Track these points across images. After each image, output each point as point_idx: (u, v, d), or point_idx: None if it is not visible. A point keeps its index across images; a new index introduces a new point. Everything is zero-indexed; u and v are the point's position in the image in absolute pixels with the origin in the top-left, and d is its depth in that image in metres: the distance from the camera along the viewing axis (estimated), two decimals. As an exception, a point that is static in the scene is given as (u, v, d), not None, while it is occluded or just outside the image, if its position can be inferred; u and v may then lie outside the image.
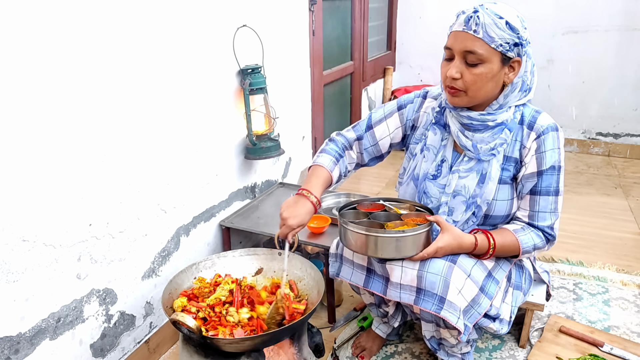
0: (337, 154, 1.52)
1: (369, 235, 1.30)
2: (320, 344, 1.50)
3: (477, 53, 1.24)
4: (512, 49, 1.25)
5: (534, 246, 1.38)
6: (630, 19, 3.46)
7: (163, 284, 1.68)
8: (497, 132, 1.35)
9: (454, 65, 1.28)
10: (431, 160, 1.46)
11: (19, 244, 1.19)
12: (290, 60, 2.40)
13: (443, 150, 1.44)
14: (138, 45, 1.46)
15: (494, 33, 1.22)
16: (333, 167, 1.50)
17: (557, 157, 1.34)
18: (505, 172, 1.38)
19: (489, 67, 1.26)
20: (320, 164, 1.49)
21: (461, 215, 1.41)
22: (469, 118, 1.35)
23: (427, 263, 1.32)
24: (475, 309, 1.33)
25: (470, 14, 1.24)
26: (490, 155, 1.36)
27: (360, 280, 1.47)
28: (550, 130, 1.34)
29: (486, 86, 1.29)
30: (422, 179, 1.47)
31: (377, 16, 3.80)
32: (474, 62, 1.26)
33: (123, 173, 1.48)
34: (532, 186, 1.36)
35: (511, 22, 1.23)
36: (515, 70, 1.29)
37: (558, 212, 1.39)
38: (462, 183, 1.40)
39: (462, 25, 1.26)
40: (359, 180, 3.43)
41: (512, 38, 1.24)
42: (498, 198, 1.39)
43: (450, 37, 1.30)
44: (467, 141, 1.37)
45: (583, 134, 3.85)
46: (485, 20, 1.22)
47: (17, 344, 1.23)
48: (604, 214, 2.78)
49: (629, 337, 1.78)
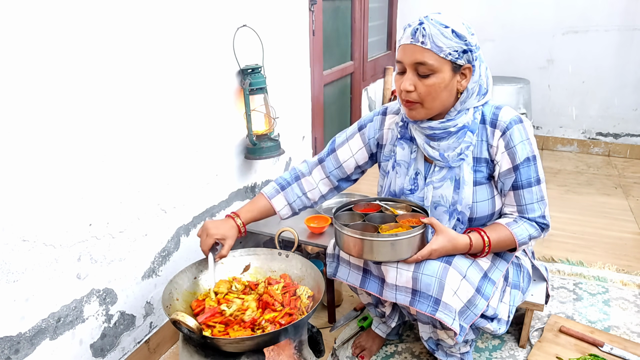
0: (284, 182, 1.57)
1: (364, 239, 1.30)
2: (320, 344, 1.50)
3: (428, 64, 1.25)
4: (461, 57, 1.26)
5: (529, 236, 1.38)
6: (630, 19, 3.47)
7: (163, 284, 1.68)
8: (460, 137, 1.36)
9: (407, 78, 1.29)
10: (404, 175, 1.46)
11: (19, 244, 1.19)
12: (290, 60, 2.40)
13: (414, 163, 1.45)
14: (138, 46, 1.46)
15: (442, 42, 1.23)
16: (274, 194, 1.55)
17: (529, 148, 1.34)
18: (479, 173, 1.39)
19: (441, 77, 1.26)
20: (263, 192, 1.56)
21: (446, 225, 1.41)
22: (431, 128, 1.35)
23: (422, 265, 1.32)
24: (472, 310, 1.33)
25: (416, 26, 1.25)
26: (460, 161, 1.37)
27: (356, 280, 1.47)
28: (514, 124, 1.34)
29: (440, 96, 1.29)
30: (400, 195, 1.48)
31: (377, 16, 3.80)
32: (426, 73, 1.26)
33: (123, 173, 1.48)
34: (513, 182, 1.37)
35: (457, 30, 1.24)
36: (467, 77, 1.30)
37: (545, 199, 1.39)
38: (439, 193, 1.41)
39: (410, 38, 1.26)
40: (359, 180, 3.42)
41: (459, 45, 1.25)
42: (478, 200, 1.39)
43: (400, 51, 1.31)
44: (434, 151, 1.38)
45: (583, 134, 3.86)
46: (432, 31, 1.23)
47: (17, 344, 1.23)
48: (604, 214, 2.79)
49: (629, 337, 1.78)
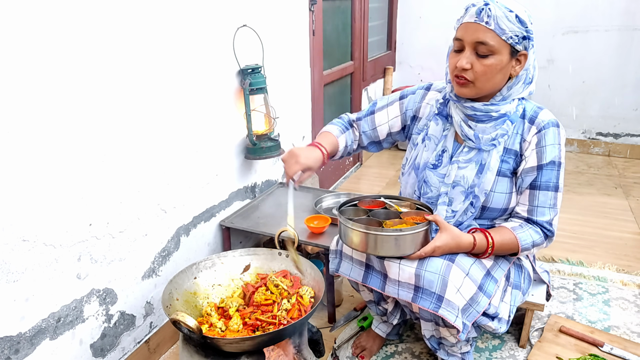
0: (343, 126, 1.62)
1: (368, 233, 1.31)
2: (320, 344, 1.50)
3: (489, 44, 1.26)
4: (520, 42, 1.28)
5: (532, 243, 1.38)
6: (630, 19, 3.46)
7: (163, 283, 1.68)
8: (499, 123, 1.37)
9: (465, 56, 1.30)
10: (432, 149, 1.48)
11: (19, 244, 1.19)
12: (290, 60, 2.40)
13: (444, 140, 1.46)
14: (138, 46, 1.46)
15: (505, 25, 1.25)
16: (340, 134, 1.59)
17: (557, 153, 1.35)
18: (505, 164, 1.39)
19: (499, 59, 1.28)
20: (328, 130, 1.59)
21: (460, 205, 1.42)
22: (473, 109, 1.36)
23: (425, 262, 1.32)
24: (474, 308, 1.33)
25: (482, 6, 1.26)
26: (491, 146, 1.38)
27: (359, 276, 1.47)
28: (551, 126, 1.36)
29: (495, 77, 1.31)
30: (423, 168, 1.49)
31: (377, 16, 3.80)
32: (485, 53, 1.28)
33: (123, 173, 1.48)
34: (532, 180, 1.37)
35: (520, 16, 1.26)
36: (521, 63, 1.32)
37: (557, 208, 1.39)
38: (461, 174, 1.41)
39: (474, 17, 1.27)
40: (359, 180, 3.43)
41: (521, 31, 1.27)
42: (496, 190, 1.40)
43: (461, 29, 1.31)
44: (470, 131, 1.39)
45: (583, 134, 3.85)
46: (497, 13, 1.24)
47: (17, 344, 1.23)
48: (604, 214, 2.79)
49: (629, 337, 1.78)
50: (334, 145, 1.56)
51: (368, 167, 3.66)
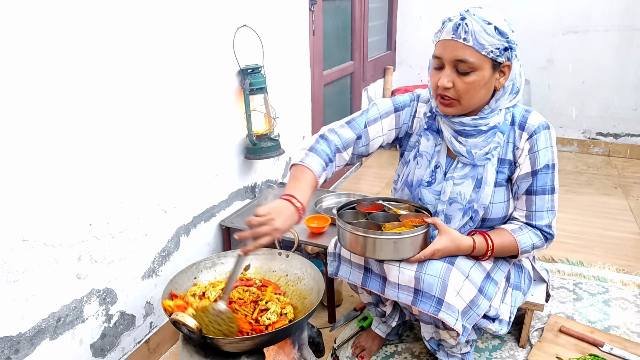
0: (327, 158, 1.37)
1: (367, 236, 1.30)
2: (320, 344, 1.50)
3: (469, 61, 1.22)
4: (502, 54, 1.24)
5: (532, 245, 1.38)
6: (630, 19, 3.46)
7: (163, 283, 1.68)
8: (490, 136, 1.35)
9: (445, 75, 1.26)
10: (425, 166, 1.44)
11: (19, 244, 1.19)
12: (290, 60, 2.39)
13: (437, 156, 1.43)
14: (138, 46, 1.46)
15: (484, 40, 1.20)
16: (321, 172, 1.35)
17: (550, 156, 1.34)
18: (500, 174, 1.38)
19: (481, 75, 1.24)
20: (309, 166, 1.33)
21: (459, 222, 1.41)
22: (462, 124, 1.33)
23: (425, 265, 1.31)
24: (474, 310, 1.33)
25: (458, 21, 1.22)
26: (485, 160, 1.36)
27: (358, 279, 1.46)
28: (542, 129, 1.33)
29: (479, 93, 1.27)
30: (417, 186, 1.46)
31: (377, 16, 3.80)
32: (466, 70, 1.24)
33: (123, 173, 1.48)
34: (528, 186, 1.36)
35: (500, 27, 1.22)
36: (505, 74, 1.29)
37: (555, 210, 1.39)
38: (457, 190, 1.39)
39: (451, 34, 1.23)
40: (358, 180, 3.43)
41: (502, 43, 1.22)
42: (494, 201, 1.39)
43: (439, 46, 1.28)
44: (461, 147, 1.36)
45: (583, 134, 3.85)
46: (475, 27, 1.20)
47: (17, 344, 1.23)
48: (604, 214, 2.79)
49: (629, 337, 1.78)
50: (312, 187, 1.32)
51: (368, 167, 3.66)
